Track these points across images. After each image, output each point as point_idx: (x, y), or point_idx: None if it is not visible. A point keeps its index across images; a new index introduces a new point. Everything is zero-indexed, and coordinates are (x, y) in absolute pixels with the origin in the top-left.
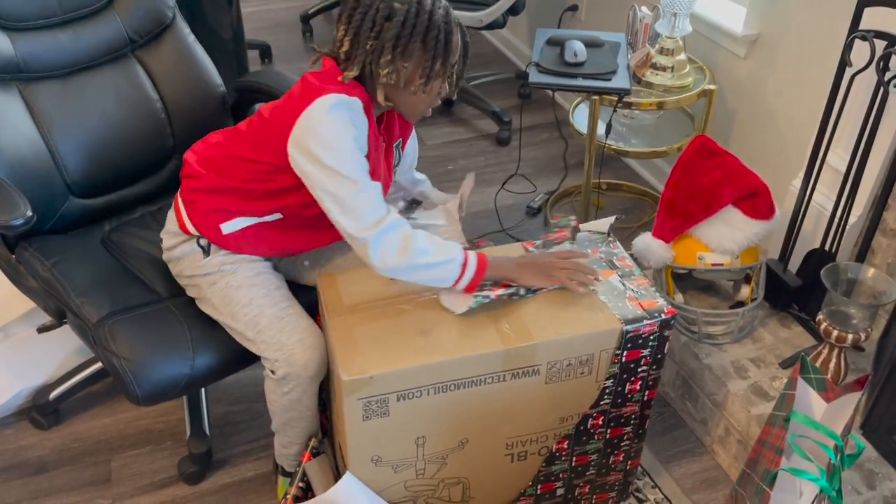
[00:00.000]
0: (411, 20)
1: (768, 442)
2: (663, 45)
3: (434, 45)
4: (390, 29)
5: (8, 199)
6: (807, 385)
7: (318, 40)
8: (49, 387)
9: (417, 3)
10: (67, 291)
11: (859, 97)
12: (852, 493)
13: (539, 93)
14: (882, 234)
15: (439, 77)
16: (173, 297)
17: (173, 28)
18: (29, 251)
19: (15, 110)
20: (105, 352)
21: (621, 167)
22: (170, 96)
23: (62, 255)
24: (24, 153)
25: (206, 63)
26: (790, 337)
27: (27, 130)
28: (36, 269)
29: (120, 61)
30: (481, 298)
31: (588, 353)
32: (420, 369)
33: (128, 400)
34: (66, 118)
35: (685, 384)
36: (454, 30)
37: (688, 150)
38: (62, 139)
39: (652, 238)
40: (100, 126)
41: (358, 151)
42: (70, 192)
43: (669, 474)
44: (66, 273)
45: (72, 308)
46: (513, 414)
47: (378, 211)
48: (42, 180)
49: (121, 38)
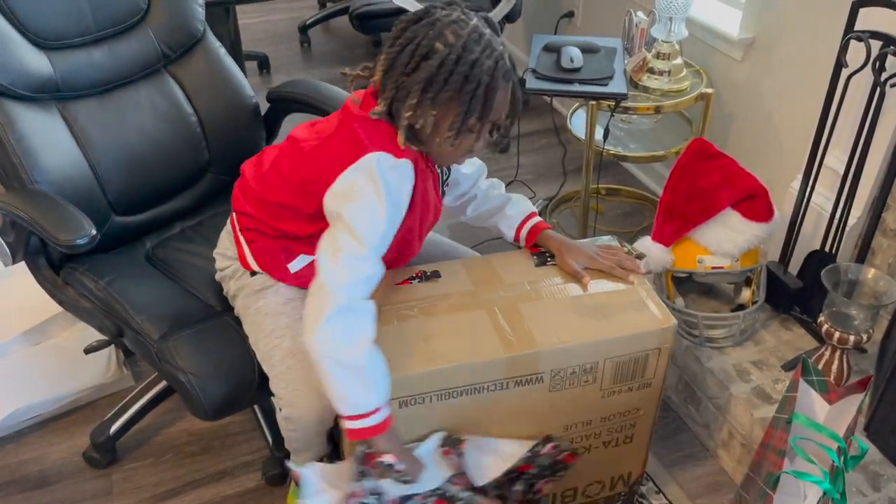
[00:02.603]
0: (448, 66)
1: (771, 445)
2: (660, 50)
3: (469, 99)
4: (424, 70)
5: (72, 219)
6: (809, 387)
7: (315, 51)
8: (105, 423)
9: (462, 48)
10: (126, 309)
11: (856, 98)
12: (857, 495)
13: (537, 99)
14: (882, 234)
15: (473, 132)
16: (229, 311)
17: (204, 42)
18: (79, 271)
19: (57, 130)
20: (171, 367)
21: (620, 172)
22: (204, 110)
23: (115, 273)
24: (68, 172)
25: (238, 74)
26: (792, 339)
27: (70, 150)
28: (90, 289)
29: (154, 77)
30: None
31: (592, 362)
32: (423, 376)
33: (194, 415)
34: (105, 136)
35: (687, 388)
36: (501, 85)
37: (686, 154)
38: (102, 157)
39: (651, 242)
40: (138, 142)
41: (386, 222)
42: (112, 210)
43: (673, 479)
44: (122, 291)
45: (132, 326)
46: (516, 422)
47: (361, 290)
48: (86, 199)
49: (154, 54)
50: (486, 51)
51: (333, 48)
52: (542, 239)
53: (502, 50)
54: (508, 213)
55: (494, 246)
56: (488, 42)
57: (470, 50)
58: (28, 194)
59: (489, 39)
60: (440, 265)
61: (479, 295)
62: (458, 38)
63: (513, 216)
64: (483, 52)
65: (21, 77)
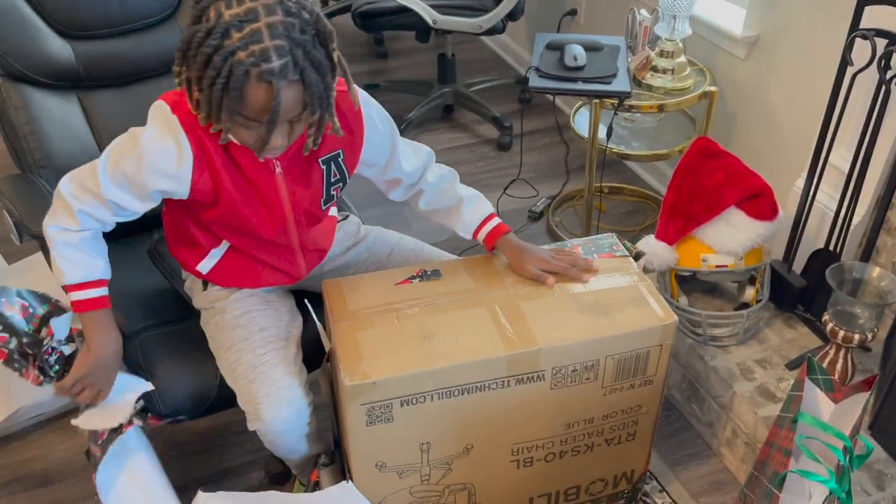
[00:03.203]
0: (195, 43)
1: (776, 444)
2: (663, 48)
3: (210, 85)
4: (182, 41)
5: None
6: (814, 386)
7: None
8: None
9: (213, 30)
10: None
11: (861, 96)
12: (861, 494)
13: (539, 98)
14: (887, 233)
15: (233, 124)
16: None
17: None
18: None
19: (73, 117)
20: (134, 366)
21: (623, 171)
22: None
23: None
24: (77, 159)
25: None
26: (796, 338)
27: (83, 137)
28: None
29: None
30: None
31: (593, 359)
32: (424, 374)
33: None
34: (122, 127)
35: (691, 387)
36: (251, 83)
37: (689, 152)
38: None
39: (655, 241)
40: None
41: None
42: None
43: (677, 478)
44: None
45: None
46: (518, 420)
47: (79, 217)
48: None
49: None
50: (245, 40)
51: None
52: (498, 244)
53: (273, 45)
54: (465, 218)
55: None
56: (254, 33)
57: (224, 34)
58: (17, 180)
59: (258, 30)
60: (440, 264)
61: (480, 293)
62: (218, 17)
63: (469, 221)
64: (241, 40)
65: (41, 64)
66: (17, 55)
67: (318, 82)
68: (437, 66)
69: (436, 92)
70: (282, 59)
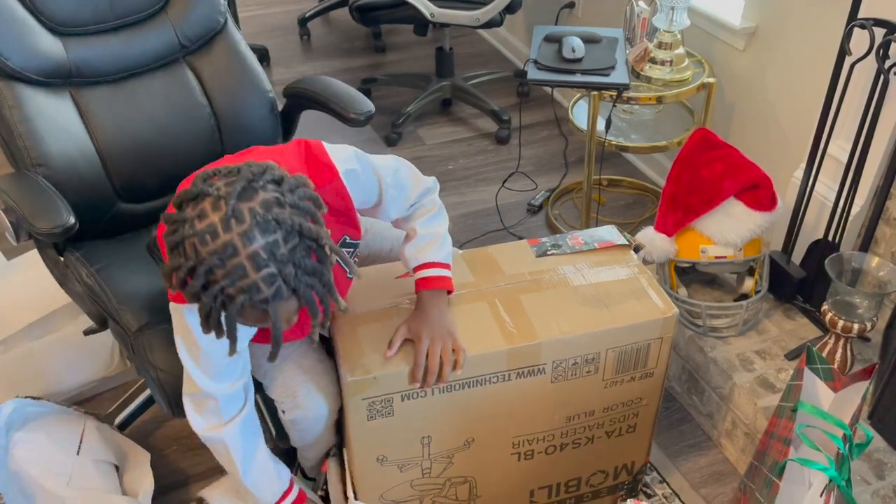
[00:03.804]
0: (179, 279)
1: (776, 433)
2: (661, 40)
3: (206, 314)
4: (169, 263)
5: (51, 206)
6: (814, 375)
7: (315, 44)
8: (109, 416)
9: (202, 269)
10: (109, 298)
11: (859, 86)
12: (861, 483)
13: (538, 91)
14: (885, 223)
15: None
16: None
17: (224, 33)
18: (75, 255)
19: (67, 115)
20: (142, 362)
21: (622, 163)
22: (219, 102)
23: (108, 260)
24: (73, 157)
25: (257, 69)
26: (795, 328)
27: (78, 135)
28: (80, 274)
29: (171, 67)
30: None
31: (594, 352)
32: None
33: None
34: (116, 123)
35: (691, 378)
36: (248, 310)
37: (688, 144)
38: (111, 144)
39: (654, 232)
40: (149, 131)
41: (219, 353)
42: (118, 197)
43: (677, 469)
44: (108, 279)
45: (112, 315)
46: (519, 413)
47: (221, 416)
48: (90, 185)
49: (173, 44)
50: (230, 279)
51: (333, 41)
52: (417, 296)
53: (260, 277)
54: (406, 254)
55: (496, 238)
56: (238, 268)
57: (209, 273)
58: (17, 178)
59: (241, 265)
60: None
61: (480, 286)
62: (196, 254)
63: (408, 258)
64: (226, 278)
65: (33, 61)
66: (9, 53)
67: (314, 287)
68: (435, 59)
69: (434, 86)
70: (272, 287)
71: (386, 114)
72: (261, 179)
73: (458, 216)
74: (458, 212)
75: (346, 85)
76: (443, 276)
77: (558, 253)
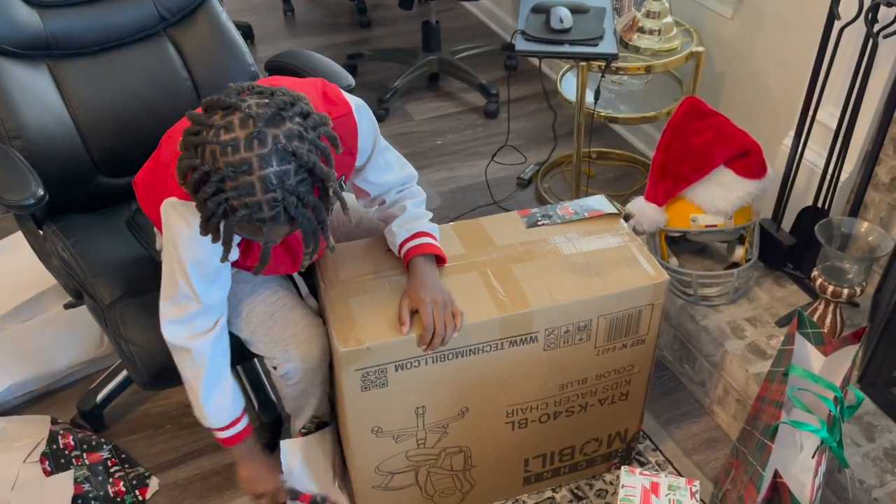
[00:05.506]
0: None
1: (768, 397)
2: (649, 9)
3: (207, 217)
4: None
5: (20, 179)
6: (804, 340)
7: (299, 20)
8: (92, 391)
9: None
10: (84, 271)
11: (848, 51)
12: (852, 445)
13: (525, 64)
14: (874, 188)
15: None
16: None
17: (206, 6)
18: (52, 229)
19: (44, 87)
20: (115, 335)
21: (611, 136)
22: (200, 75)
23: (84, 234)
24: (50, 130)
25: (238, 42)
26: (785, 296)
27: (56, 108)
28: (57, 247)
29: (151, 39)
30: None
31: (586, 319)
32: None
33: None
34: (94, 96)
35: (683, 347)
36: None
37: (678, 112)
38: (90, 117)
39: (645, 202)
40: (128, 104)
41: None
42: (97, 171)
43: (670, 436)
44: (84, 253)
45: (87, 288)
46: (512, 382)
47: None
48: (68, 157)
49: (153, 17)
50: (238, 192)
51: (317, 16)
52: (409, 265)
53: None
54: (394, 230)
55: (486, 212)
56: (247, 185)
57: (220, 182)
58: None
59: (251, 183)
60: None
61: (471, 257)
62: (213, 161)
63: (396, 233)
64: (234, 191)
65: (9, 33)
66: None
67: (311, 221)
68: (422, 33)
69: (421, 60)
70: (273, 210)
71: (373, 90)
72: (290, 110)
73: (448, 191)
74: (448, 187)
75: (327, 59)
76: (434, 244)
77: (549, 223)
